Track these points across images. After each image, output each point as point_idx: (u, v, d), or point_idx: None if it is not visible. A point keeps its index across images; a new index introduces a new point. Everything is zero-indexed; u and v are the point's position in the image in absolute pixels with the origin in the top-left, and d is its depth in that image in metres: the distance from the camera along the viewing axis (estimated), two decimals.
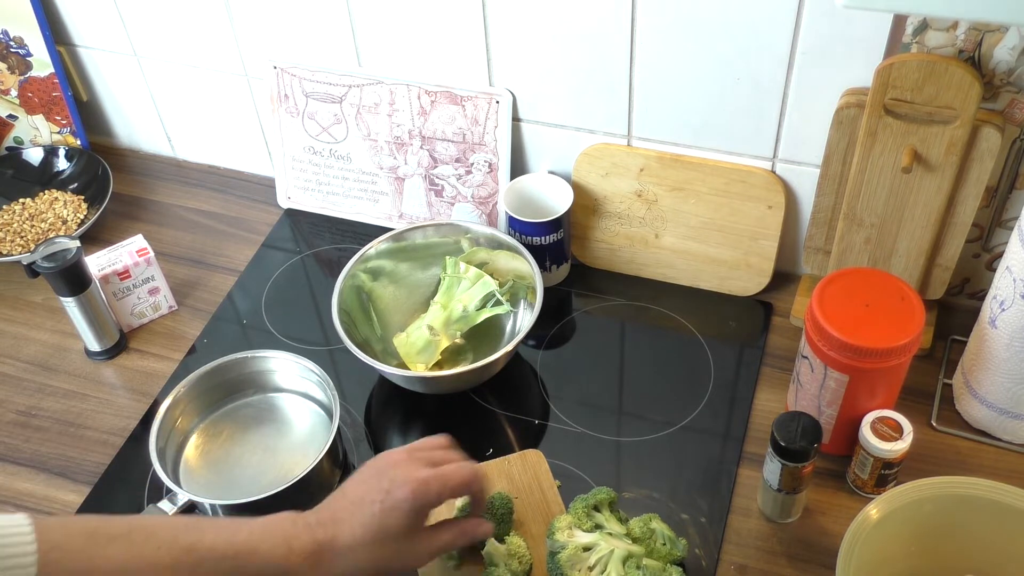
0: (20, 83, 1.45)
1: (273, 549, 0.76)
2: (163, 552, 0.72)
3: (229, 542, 0.75)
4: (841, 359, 0.96)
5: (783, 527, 1.02)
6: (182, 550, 0.73)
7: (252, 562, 0.75)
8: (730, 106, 1.14)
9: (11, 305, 1.32)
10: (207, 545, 0.74)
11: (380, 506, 0.80)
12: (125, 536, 0.72)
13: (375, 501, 0.81)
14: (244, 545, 0.75)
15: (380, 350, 1.19)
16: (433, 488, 0.82)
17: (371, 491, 0.81)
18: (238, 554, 0.75)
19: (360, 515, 0.80)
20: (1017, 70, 0.99)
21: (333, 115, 1.33)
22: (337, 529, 0.79)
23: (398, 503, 0.80)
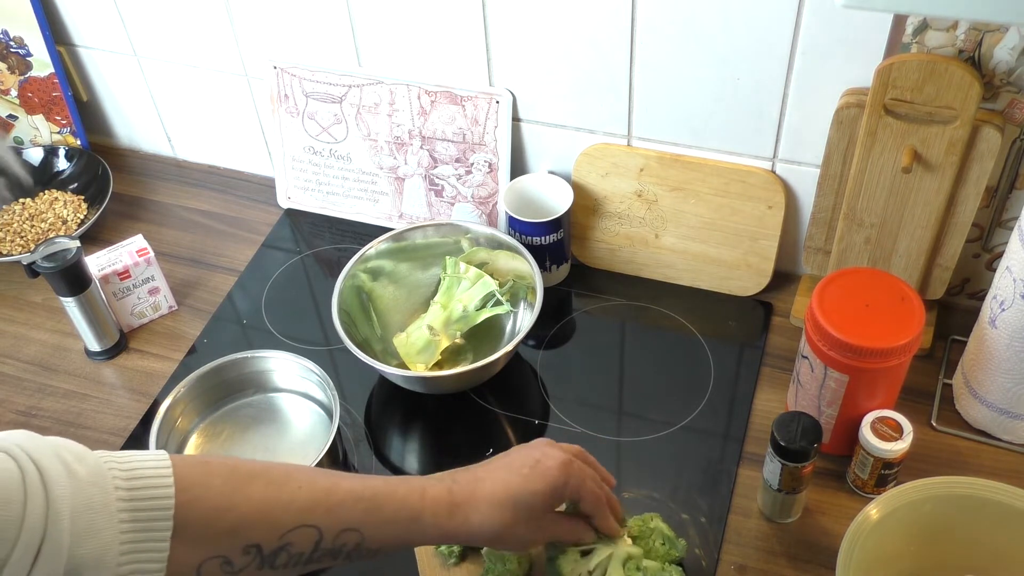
0: (20, 83, 1.45)
1: (409, 493, 0.78)
2: (303, 492, 0.73)
3: (365, 485, 0.76)
4: (841, 359, 0.96)
5: (783, 527, 1.02)
6: (321, 490, 0.74)
7: (388, 504, 0.76)
8: (730, 106, 1.14)
9: (11, 305, 1.32)
10: (345, 487, 0.75)
11: (528, 471, 0.82)
12: (264, 475, 0.73)
13: (523, 466, 0.82)
14: (381, 488, 0.77)
15: (380, 350, 1.19)
16: (579, 474, 0.84)
17: (520, 459, 0.83)
18: (375, 495, 0.76)
19: (504, 476, 0.82)
20: (1017, 70, 0.99)
21: (333, 115, 1.33)
22: (477, 485, 0.81)
23: (545, 473, 0.82)
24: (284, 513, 0.72)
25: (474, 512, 0.80)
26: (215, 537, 0.70)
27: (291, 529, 0.72)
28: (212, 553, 0.69)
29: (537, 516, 0.83)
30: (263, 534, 0.71)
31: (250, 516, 0.71)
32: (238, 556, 0.70)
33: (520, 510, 0.81)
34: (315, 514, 0.73)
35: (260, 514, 0.71)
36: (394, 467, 1.12)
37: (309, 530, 0.72)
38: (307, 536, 0.72)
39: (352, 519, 0.75)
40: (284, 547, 0.72)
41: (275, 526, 0.71)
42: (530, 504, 0.82)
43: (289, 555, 0.72)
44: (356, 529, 0.75)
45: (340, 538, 0.74)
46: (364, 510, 0.75)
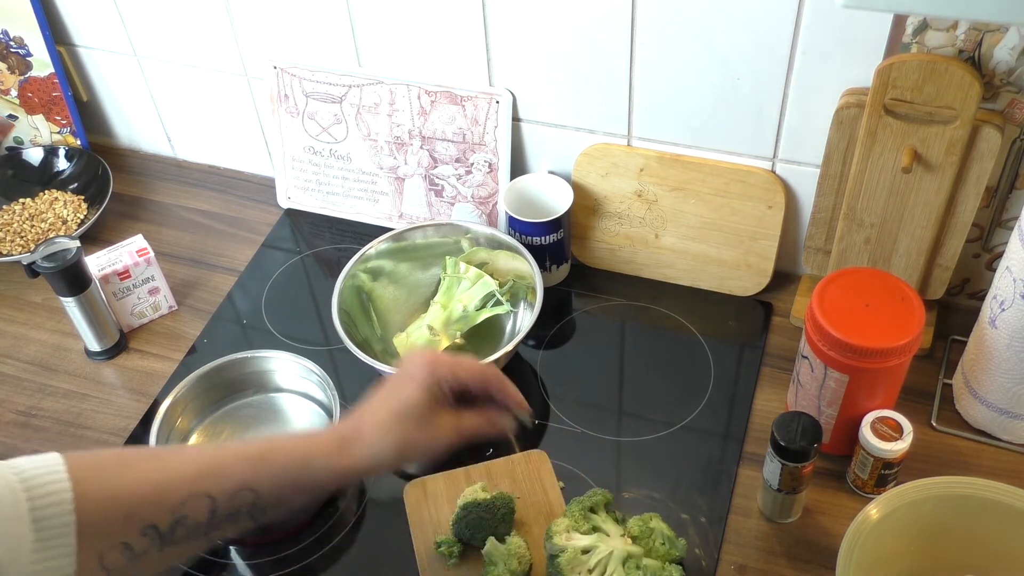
0: (20, 83, 1.45)
1: (295, 442, 0.79)
2: (189, 463, 0.74)
3: (250, 445, 0.77)
4: (841, 359, 0.96)
5: (783, 527, 1.02)
6: (207, 458, 0.75)
7: (275, 457, 0.76)
8: (730, 106, 1.14)
9: (11, 305, 1.32)
10: (230, 451, 0.77)
11: (396, 381, 0.83)
12: (152, 457, 0.74)
13: (395, 381, 0.84)
14: (266, 445, 0.78)
15: (380, 350, 1.19)
16: (445, 364, 0.84)
17: (388, 384, 0.84)
18: (261, 452, 0.76)
19: (381, 399, 0.82)
20: (1017, 70, 0.99)
21: (333, 115, 1.33)
22: (360, 419, 0.81)
23: (413, 374, 0.83)
24: (173, 487, 0.72)
25: (363, 442, 0.80)
26: (113, 524, 0.69)
27: (183, 501, 0.72)
28: (112, 542, 0.69)
29: (426, 419, 0.82)
30: (156, 512, 0.71)
31: (142, 496, 0.71)
32: (138, 539, 0.70)
33: (406, 421, 0.81)
34: (204, 481, 0.73)
35: (151, 493, 0.71)
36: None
37: (201, 498, 0.72)
38: (201, 505, 0.72)
39: (242, 478, 0.74)
40: (179, 520, 0.71)
41: (166, 501, 0.71)
42: (411, 411, 0.81)
43: (186, 528, 0.72)
44: (249, 487, 0.74)
45: (235, 500, 0.74)
46: (252, 466, 0.75)
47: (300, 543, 1.04)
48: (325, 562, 1.03)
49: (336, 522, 1.06)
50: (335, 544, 1.04)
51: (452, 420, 0.84)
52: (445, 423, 0.83)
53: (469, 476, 1.06)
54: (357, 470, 0.81)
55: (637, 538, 0.95)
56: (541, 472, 1.06)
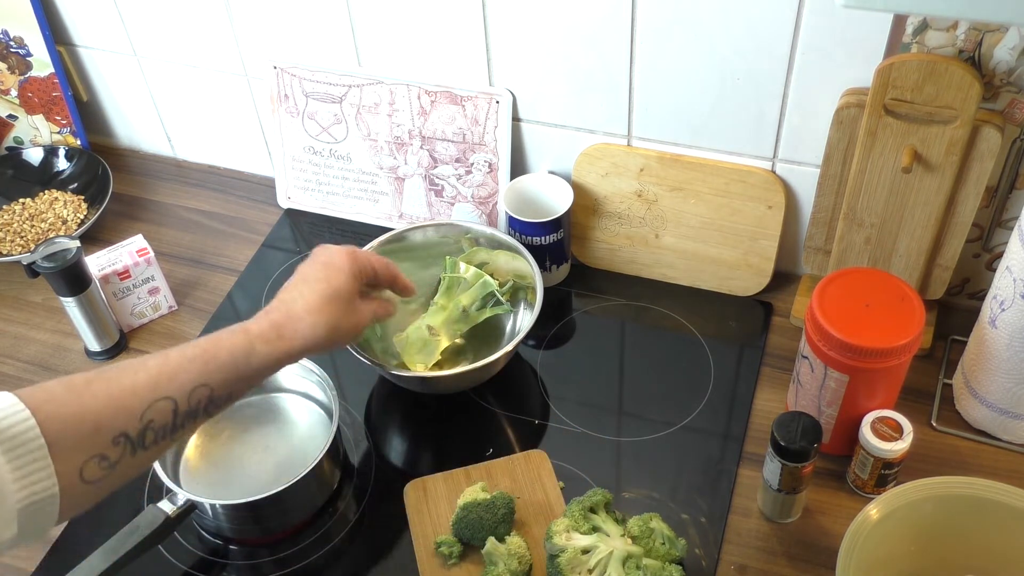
0: (20, 83, 1.45)
1: (233, 335, 0.83)
2: (141, 374, 0.76)
3: (192, 346, 0.80)
4: (841, 359, 0.96)
5: (783, 527, 1.02)
6: (155, 367, 0.78)
7: (219, 352, 0.81)
8: (730, 106, 1.14)
9: (11, 305, 1.32)
10: (175, 356, 0.79)
11: (325, 273, 0.91)
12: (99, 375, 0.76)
13: (318, 272, 0.91)
14: (205, 343, 0.81)
15: (380, 350, 1.19)
16: (363, 255, 0.95)
17: (312, 270, 0.92)
18: (204, 350, 0.80)
19: (308, 285, 0.90)
20: (1017, 70, 0.99)
21: (333, 115, 1.33)
22: (291, 305, 0.88)
23: (340, 267, 0.91)
24: (134, 397, 0.75)
25: (299, 326, 0.87)
26: (83, 440, 0.72)
27: (147, 406, 0.75)
28: (87, 455, 0.72)
29: (350, 303, 0.91)
30: (124, 421, 0.74)
31: (106, 411, 0.74)
32: (110, 449, 0.73)
33: (336, 305, 0.89)
34: (159, 387, 0.76)
35: (113, 406, 0.74)
36: (394, 467, 1.12)
37: (163, 402, 0.76)
38: (164, 408, 0.76)
39: (195, 377, 0.78)
40: (147, 426, 0.75)
41: (132, 410, 0.75)
42: (340, 294, 0.90)
43: (155, 432, 0.76)
44: (202, 384, 0.79)
45: (192, 398, 0.78)
46: (201, 364, 0.79)
47: (300, 543, 1.04)
48: (325, 562, 1.03)
49: (336, 522, 1.06)
50: (335, 544, 1.04)
51: (369, 305, 0.95)
52: (364, 308, 0.94)
53: (469, 476, 1.06)
54: (293, 353, 0.86)
55: (637, 538, 0.95)
56: (541, 472, 1.06)
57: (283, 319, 0.86)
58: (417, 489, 1.06)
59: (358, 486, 1.10)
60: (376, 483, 1.10)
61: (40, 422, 0.70)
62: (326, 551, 1.04)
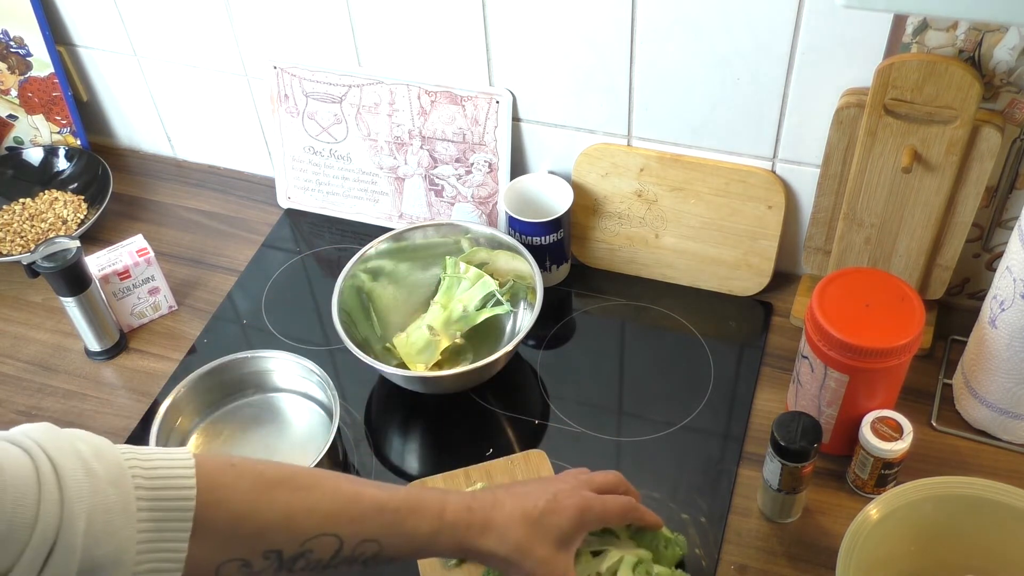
0: (20, 83, 1.45)
1: (430, 510, 0.78)
2: (326, 500, 0.73)
3: (390, 496, 0.77)
4: (841, 359, 0.96)
5: (783, 527, 1.02)
6: (344, 499, 0.75)
7: (409, 519, 0.77)
8: (730, 106, 1.14)
9: (11, 305, 1.32)
10: (368, 497, 0.76)
11: (545, 504, 0.83)
12: (289, 481, 0.73)
13: (541, 498, 0.83)
14: (403, 502, 0.77)
15: (380, 350, 1.19)
16: (596, 509, 0.86)
17: (538, 492, 0.84)
18: (398, 509, 0.77)
19: (523, 504, 0.82)
20: (1017, 70, 0.99)
21: (333, 115, 1.33)
22: (496, 508, 0.82)
23: (563, 509, 0.83)
24: (307, 520, 0.72)
25: (490, 533, 0.81)
26: (237, 540, 0.70)
27: (313, 537, 0.72)
28: (233, 555, 0.70)
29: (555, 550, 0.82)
30: (285, 540, 0.72)
31: (273, 522, 0.71)
32: (258, 560, 0.71)
33: (535, 541, 0.82)
34: (337, 523, 0.73)
35: (283, 521, 0.72)
36: (394, 467, 1.12)
37: (330, 539, 0.73)
38: (328, 544, 0.73)
39: (373, 531, 0.75)
40: (304, 553, 0.72)
41: (297, 533, 0.72)
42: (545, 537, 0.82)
43: (308, 561, 0.73)
44: (376, 540, 0.76)
45: (360, 548, 0.75)
46: (386, 523, 0.76)
47: None
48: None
49: None
50: None
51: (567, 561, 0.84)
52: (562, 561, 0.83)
53: (469, 476, 1.06)
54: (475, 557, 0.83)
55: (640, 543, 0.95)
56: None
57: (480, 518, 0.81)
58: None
59: None
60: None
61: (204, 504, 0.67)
62: None
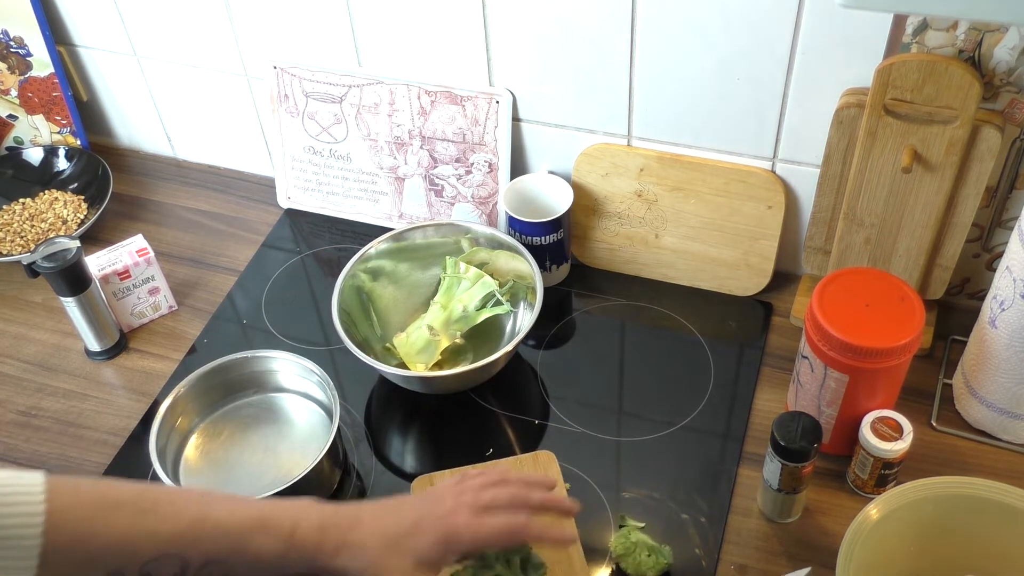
0: (20, 83, 1.45)
1: (278, 530, 0.75)
2: (168, 523, 0.72)
3: (235, 518, 0.74)
4: (841, 359, 0.96)
5: (783, 527, 1.02)
6: (187, 522, 0.73)
7: (254, 540, 0.74)
8: (730, 106, 1.14)
9: (11, 305, 1.32)
10: (213, 520, 0.73)
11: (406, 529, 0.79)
12: (132, 503, 0.72)
13: (404, 521, 0.79)
14: (248, 523, 0.74)
15: (380, 350, 1.19)
16: (464, 538, 0.79)
17: (405, 512, 0.80)
18: (242, 531, 0.74)
19: (383, 524, 0.79)
20: (1017, 70, 0.99)
21: (333, 115, 1.33)
22: (354, 529, 0.78)
23: (423, 533, 0.79)
24: (147, 543, 0.70)
25: (343, 554, 0.77)
26: (77, 564, 0.69)
27: (152, 559, 0.71)
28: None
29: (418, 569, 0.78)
30: (124, 563, 0.70)
31: (111, 545, 0.70)
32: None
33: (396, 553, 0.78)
34: (178, 545, 0.72)
35: (122, 543, 0.70)
36: (394, 467, 1.12)
37: (172, 559, 0.71)
38: (171, 565, 0.71)
39: (217, 552, 0.73)
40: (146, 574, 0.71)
41: (136, 555, 0.70)
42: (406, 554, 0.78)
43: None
44: (221, 562, 0.73)
45: (205, 569, 0.73)
46: (229, 545, 0.73)
47: None
48: None
49: None
50: None
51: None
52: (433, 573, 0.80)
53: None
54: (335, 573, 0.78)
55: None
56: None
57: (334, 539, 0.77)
58: (424, 484, 1.06)
59: (358, 486, 1.10)
60: (376, 483, 1.10)
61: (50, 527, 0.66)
62: None
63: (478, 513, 0.81)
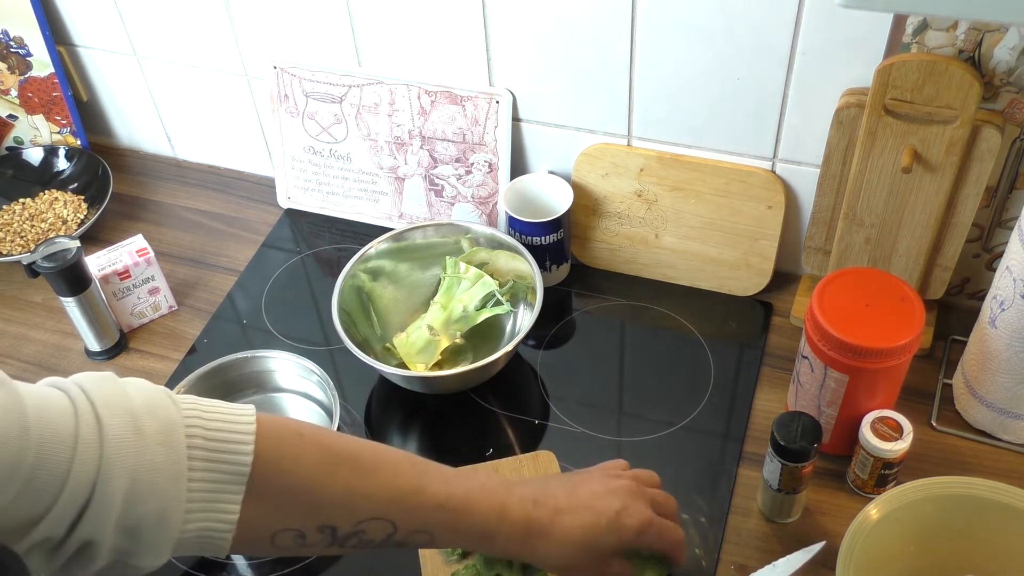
0: (20, 83, 1.45)
1: (488, 512, 0.78)
2: (387, 486, 0.74)
3: (451, 493, 0.77)
4: (841, 359, 0.96)
5: (783, 527, 1.02)
6: (406, 490, 0.75)
7: (466, 519, 0.77)
8: (730, 106, 1.14)
9: (11, 305, 1.32)
10: (431, 492, 0.76)
11: (607, 522, 0.82)
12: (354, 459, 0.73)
13: (603, 514, 0.82)
14: (463, 501, 0.77)
15: (380, 350, 1.19)
16: (652, 533, 0.84)
17: (603, 502, 0.83)
18: (457, 508, 0.76)
19: (583, 518, 0.82)
20: (1017, 70, 0.99)
21: (333, 115, 1.33)
22: (556, 518, 0.81)
23: (623, 529, 0.82)
24: (365, 503, 0.73)
25: (546, 546, 0.80)
26: (295, 511, 0.71)
27: (368, 519, 0.73)
28: (289, 525, 0.71)
29: (604, 562, 0.83)
30: (341, 519, 0.72)
31: (332, 500, 0.72)
32: (312, 533, 0.72)
33: (589, 554, 0.82)
34: (394, 510, 0.74)
35: (342, 500, 0.72)
36: None
37: (385, 523, 0.74)
38: (382, 528, 0.74)
39: (428, 524, 0.76)
40: (357, 533, 0.73)
41: (354, 514, 0.73)
42: (599, 551, 0.82)
43: (360, 540, 0.74)
44: (429, 532, 0.76)
45: (412, 536, 0.76)
46: (442, 520, 0.76)
47: None
48: (325, 562, 1.03)
49: None
50: None
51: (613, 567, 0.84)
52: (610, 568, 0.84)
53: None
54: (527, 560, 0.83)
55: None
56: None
57: (539, 528, 0.80)
58: None
59: None
60: None
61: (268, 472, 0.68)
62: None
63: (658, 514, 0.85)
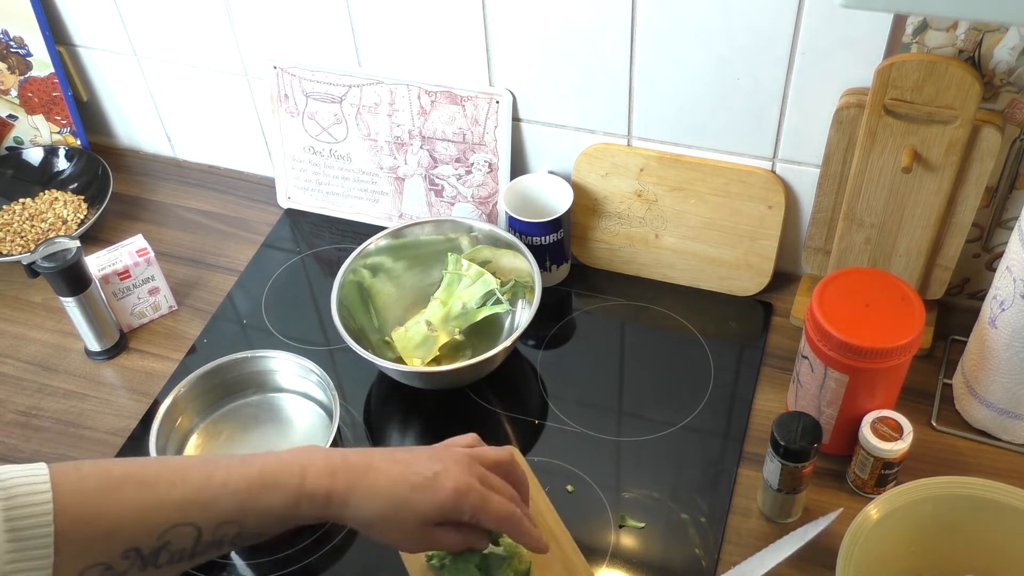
0: (20, 83, 1.45)
1: (288, 481, 0.75)
2: (175, 490, 0.72)
3: (241, 475, 0.74)
4: (841, 359, 0.96)
5: (783, 527, 1.02)
6: (193, 487, 0.73)
7: (263, 495, 0.74)
8: (730, 106, 1.14)
9: (11, 305, 1.32)
10: (219, 481, 0.74)
11: (422, 479, 0.79)
12: (135, 475, 0.72)
13: (418, 473, 0.79)
14: (256, 478, 0.75)
15: (377, 342, 1.18)
16: (471, 501, 0.80)
17: (419, 463, 0.80)
18: (250, 487, 0.74)
19: (394, 475, 0.78)
20: (1017, 70, 0.99)
21: (333, 115, 1.33)
22: (364, 475, 0.78)
23: (439, 489, 0.78)
24: (158, 513, 0.71)
25: (351, 503, 0.77)
26: (92, 544, 0.69)
27: (167, 529, 0.71)
28: (92, 560, 0.69)
29: (417, 525, 0.79)
30: (140, 538, 0.70)
31: (124, 520, 0.70)
32: (118, 561, 0.70)
33: (398, 514, 0.78)
34: (190, 512, 0.72)
35: (134, 517, 0.70)
36: None
37: (187, 527, 0.72)
38: (185, 534, 0.72)
39: (228, 513, 0.73)
40: (163, 547, 0.71)
41: (150, 527, 0.71)
42: (409, 513, 0.78)
43: (170, 553, 0.72)
44: (234, 521, 0.74)
45: (219, 531, 0.73)
46: (239, 503, 0.74)
47: (300, 543, 1.04)
48: (325, 562, 1.03)
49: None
50: (335, 544, 1.04)
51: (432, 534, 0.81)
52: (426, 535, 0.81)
53: None
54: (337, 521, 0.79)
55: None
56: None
57: (344, 486, 0.77)
58: None
59: None
60: None
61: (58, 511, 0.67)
62: (326, 551, 1.04)
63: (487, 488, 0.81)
